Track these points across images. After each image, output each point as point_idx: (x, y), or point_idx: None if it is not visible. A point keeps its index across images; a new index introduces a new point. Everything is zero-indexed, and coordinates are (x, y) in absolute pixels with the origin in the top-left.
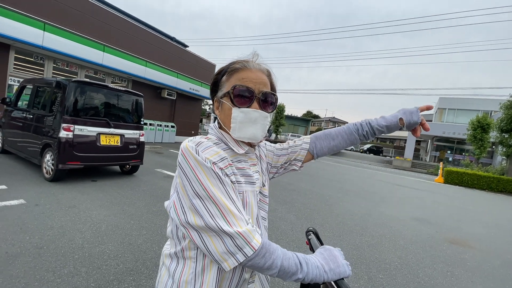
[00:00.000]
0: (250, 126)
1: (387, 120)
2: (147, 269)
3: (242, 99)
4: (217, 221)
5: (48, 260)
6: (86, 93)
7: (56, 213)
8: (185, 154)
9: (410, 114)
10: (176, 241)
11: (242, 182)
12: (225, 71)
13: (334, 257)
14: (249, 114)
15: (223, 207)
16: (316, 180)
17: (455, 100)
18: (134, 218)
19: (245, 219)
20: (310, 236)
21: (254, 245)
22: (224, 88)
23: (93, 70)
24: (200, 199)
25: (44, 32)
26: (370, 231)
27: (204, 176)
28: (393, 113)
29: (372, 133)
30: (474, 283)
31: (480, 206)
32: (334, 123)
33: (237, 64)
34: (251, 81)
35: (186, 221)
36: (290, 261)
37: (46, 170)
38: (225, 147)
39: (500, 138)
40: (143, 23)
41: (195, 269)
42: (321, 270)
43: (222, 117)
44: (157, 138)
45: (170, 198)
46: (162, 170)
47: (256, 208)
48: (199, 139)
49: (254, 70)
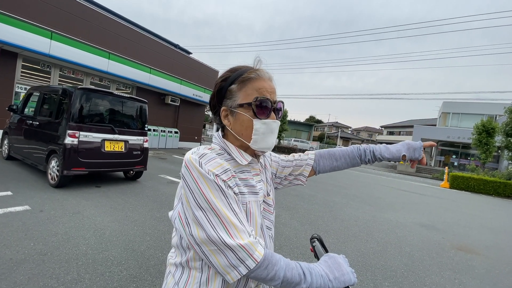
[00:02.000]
0: (270, 136)
1: (390, 153)
2: (151, 276)
3: (263, 111)
4: (219, 233)
5: (52, 266)
6: (91, 100)
7: (61, 219)
8: (188, 166)
9: (413, 151)
10: (182, 251)
11: (245, 193)
12: (234, 79)
13: (339, 265)
14: (270, 125)
15: (225, 219)
16: (320, 185)
17: (459, 104)
18: (137, 224)
19: (248, 231)
20: (315, 243)
21: (256, 257)
22: (237, 98)
23: (99, 77)
24: (202, 210)
25: (51, 40)
26: (375, 237)
27: (206, 188)
28: (398, 147)
29: (373, 161)
30: None
31: (487, 211)
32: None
33: (250, 72)
34: (267, 91)
35: (190, 233)
36: (293, 271)
37: (51, 176)
38: (229, 158)
39: (506, 142)
40: (147, 31)
41: (200, 279)
42: (325, 279)
43: (238, 128)
44: (161, 144)
45: (175, 209)
46: (166, 176)
47: (260, 218)
48: (203, 151)
49: (267, 79)
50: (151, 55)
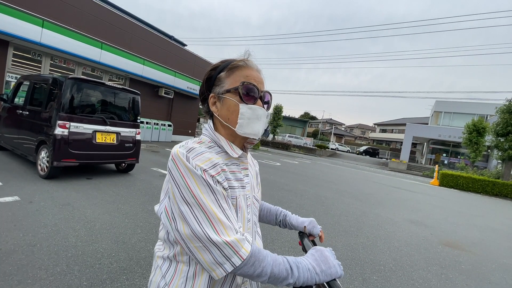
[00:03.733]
0: (256, 122)
1: (297, 222)
2: (141, 268)
3: (249, 96)
4: (205, 229)
5: (41, 258)
6: (82, 90)
7: (50, 210)
8: (176, 161)
9: (313, 228)
10: (169, 245)
11: (235, 187)
12: (223, 68)
13: (326, 258)
14: (256, 111)
15: (212, 215)
16: (312, 181)
17: (451, 104)
18: (129, 216)
19: (235, 228)
20: (303, 237)
21: (242, 254)
22: (225, 84)
23: (91, 68)
24: (188, 206)
25: (42, 29)
26: (365, 233)
27: (193, 183)
28: (305, 219)
29: (283, 224)
30: (469, 286)
31: (475, 209)
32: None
33: (238, 61)
34: (254, 80)
35: (176, 228)
36: (280, 267)
37: (41, 167)
38: (219, 151)
39: (496, 142)
40: (141, 21)
41: (187, 273)
42: (312, 273)
43: (224, 113)
44: (154, 137)
45: (161, 203)
46: (158, 169)
47: (247, 212)
48: (191, 145)
49: (254, 69)
50: (145, 46)
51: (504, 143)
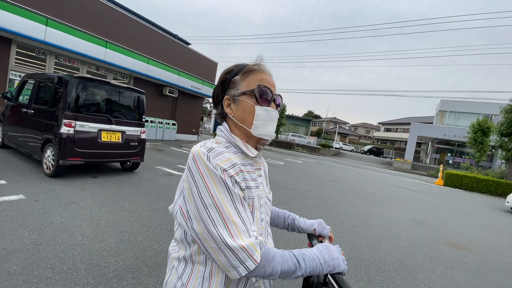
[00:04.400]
0: (270, 124)
1: (306, 225)
2: (147, 267)
3: (264, 98)
4: (219, 231)
5: (47, 256)
6: (88, 89)
7: (56, 209)
8: (196, 160)
9: (322, 229)
10: (186, 245)
11: (251, 187)
12: (238, 71)
13: (329, 250)
14: (271, 112)
15: (227, 217)
16: (317, 180)
17: (456, 103)
18: (134, 215)
19: (249, 231)
20: (312, 238)
21: (256, 258)
22: (240, 87)
23: (95, 66)
24: (204, 205)
25: (46, 27)
26: (370, 233)
27: (212, 183)
28: (313, 221)
29: (292, 228)
30: (473, 287)
31: (479, 209)
32: (335, 123)
33: (253, 65)
34: (268, 83)
35: (192, 227)
36: (288, 262)
37: (47, 165)
38: (235, 151)
39: (500, 141)
40: (145, 19)
41: (203, 273)
42: (317, 262)
43: (240, 115)
44: (158, 135)
45: (176, 202)
46: (163, 167)
47: (260, 212)
48: (211, 144)
49: (268, 74)
50: (149, 44)
51: (508, 143)
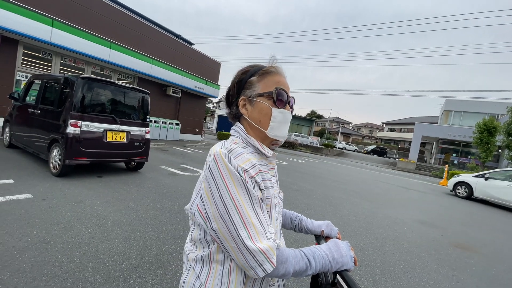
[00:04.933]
0: (285, 126)
1: (313, 226)
2: (153, 266)
3: (281, 101)
4: (240, 234)
5: (55, 254)
6: (93, 89)
7: (63, 208)
8: (218, 161)
9: (330, 230)
10: (204, 244)
11: (269, 187)
12: (254, 72)
13: (339, 247)
14: (286, 115)
15: (246, 219)
16: (320, 181)
17: (461, 103)
18: (139, 214)
19: (267, 233)
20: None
21: (274, 261)
22: (257, 88)
23: (100, 67)
24: (225, 206)
25: (52, 28)
26: (375, 233)
27: (233, 185)
28: (321, 222)
29: (300, 229)
30: None
31: (486, 210)
32: (338, 123)
33: (270, 67)
34: (284, 86)
35: (211, 227)
36: (300, 263)
37: (53, 165)
38: (252, 151)
39: (507, 141)
40: (149, 20)
41: (221, 272)
42: (326, 260)
43: (256, 116)
44: (162, 135)
45: (193, 203)
46: (167, 167)
47: (275, 211)
48: (230, 145)
49: (284, 76)
50: (153, 45)
51: None
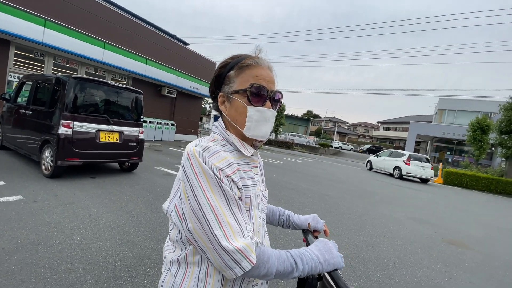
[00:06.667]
0: (264, 125)
1: (300, 220)
2: (145, 266)
3: (258, 98)
4: (215, 234)
5: (45, 256)
6: (86, 89)
7: (54, 209)
8: (191, 159)
9: (317, 223)
10: (181, 245)
11: (249, 186)
12: (233, 65)
13: (329, 248)
14: (264, 113)
15: (222, 218)
16: (316, 179)
17: (455, 101)
18: (132, 215)
19: (243, 232)
20: (307, 233)
21: (252, 259)
22: (234, 84)
23: (93, 67)
24: (199, 206)
25: (44, 28)
26: (369, 231)
27: (207, 184)
28: (307, 216)
29: (287, 225)
30: (473, 284)
31: (479, 207)
32: (334, 123)
33: (248, 59)
34: (264, 79)
35: (187, 228)
36: (285, 263)
37: (45, 166)
38: (231, 149)
39: (500, 139)
40: (143, 20)
41: (198, 274)
42: (316, 262)
43: (233, 114)
44: (157, 136)
45: (171, 202)
46: (162, 168)
47: (257, 210)
48: (206, 143)
49: (265, 68)
50: (148, 45)
51: (508, 141)
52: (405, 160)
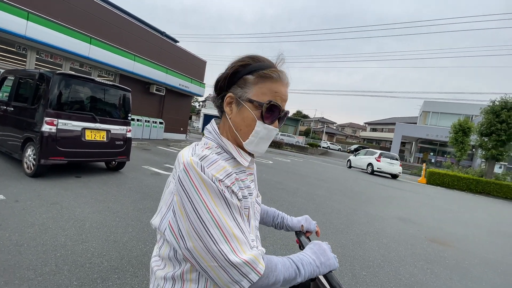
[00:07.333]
0: (266, 142)
1: (293, 223)
2: (133, 267)
3: (270, 116)
4: (221, 248)
5: (29, 258)
6: (71, 86)
7: (38, 209)
8: (189, 171)
9: (309, 224)
10: (175, 263)
11: (247, 196)
12: (254, 70)
13: (324, 250)
14: (271, 132)
15: (228, 232)
16: (305, 179)
17: (439, 104)
18: (119, 215)
19: (249, 243)
20: (300, 234)
21: (259, 270)
22: (250, 91)
23: (79, 63)
24: (202, 222)
25: (27, 21)
26: (355, 230)
27: (209, 197)
28: (300, 218)
29: (281, 227)
30: (453, 280)
31: (460, 206)
32: (323, 123)
33: (272, 71)
34: (281, 98)
35: (185, 246)
36: (289, 270)
37: (27, 165)
38: (227, 157)
39: (480, 141)
40: (132, 16)
41: None
42: (313, 266)
43: (238, 122)
44: (145, 134)
45: (163, 217)
46: (150, 167)
47: (254, 219)
48: (201, 151)
49: (285, 84)
50: (136, 41)
51: (488, 143)
52: (376, 157)
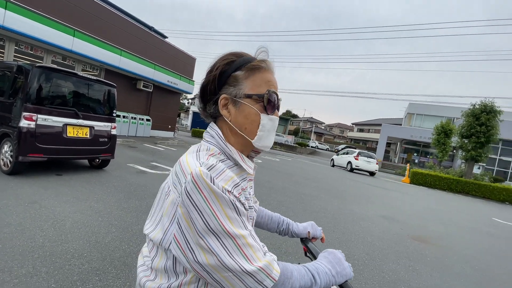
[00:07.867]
0: (272, 134)
1: (299, 229)
2: (115, 268)
3: (271, 106)
4: (236, 259)
5: (4, 259)
6: (52, 80)
7: (14, 209)
8: (198, 183)
9: (315, 231)
10: (171, 274)
11: (252, 206)
12: (240, 65)
13: (339, 259)
14: (275, 122)
15: (242, 242)
16: (293, 178)
17: (423, 106)
18: (102, 215)
19: (262, 249)
20: (306, 241)
21: (274, 276)
22: (244, 87)
23: (61, 56)
24: (215, 235)
25: (5, 10)
26: (341, 228)
27: (220, 208)
28: (305, 224)
29: (285, 233)
30: (433, 277)
31: (441, 205)
32: (312, 123)
33: (259, 62)
34: (274, 86)
35: (195, 260)
36: (305, 278)
37: (4, 162)
38: (231, 165)
39: (461, 143)
40: (119, 9)
41: None
42: (329, 276)
43: (241, 121)
44: (131, 131)
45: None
46: (135, 165)
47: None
48: (206, 160)
49: (273, 73)
50: (123, 36)
51: (468, 145)
52: (355, 156)
